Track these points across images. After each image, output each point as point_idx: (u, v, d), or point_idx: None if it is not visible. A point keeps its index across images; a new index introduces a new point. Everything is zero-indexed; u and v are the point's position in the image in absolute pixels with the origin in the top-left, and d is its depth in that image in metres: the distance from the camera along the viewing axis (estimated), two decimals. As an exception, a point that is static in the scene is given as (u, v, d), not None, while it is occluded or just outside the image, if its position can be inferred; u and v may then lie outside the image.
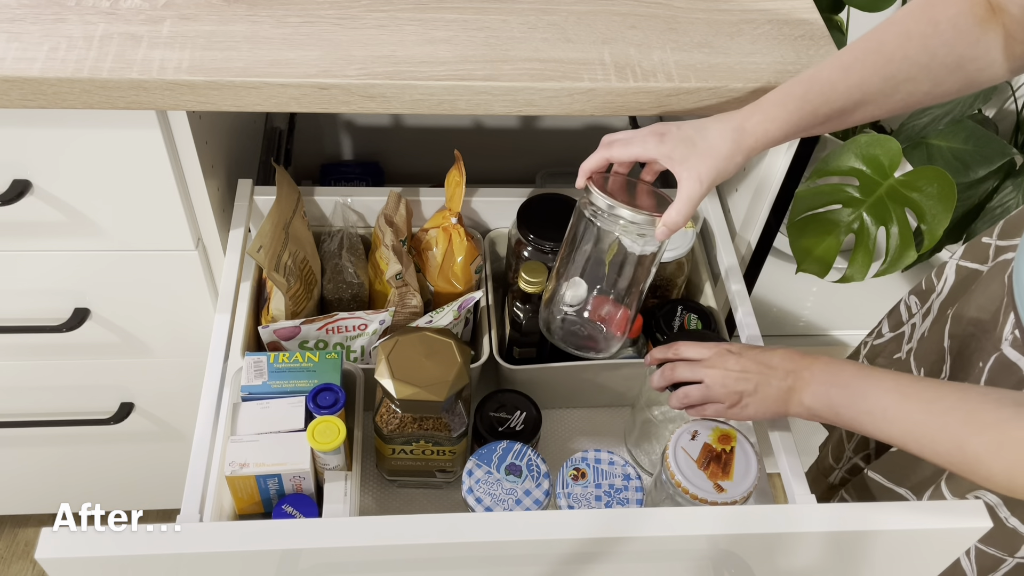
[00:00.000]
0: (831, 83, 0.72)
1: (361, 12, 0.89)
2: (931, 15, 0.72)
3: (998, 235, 0.85)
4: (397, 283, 0.97)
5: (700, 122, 0.75)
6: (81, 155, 0.88)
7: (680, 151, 0.73)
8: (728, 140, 0.72)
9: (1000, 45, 0.71)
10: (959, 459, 0.61)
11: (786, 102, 0.73)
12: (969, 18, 0.71)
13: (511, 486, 0.82)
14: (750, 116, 0.73)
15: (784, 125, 0.72)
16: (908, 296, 0.99)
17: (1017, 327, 0.73)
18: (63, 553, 0.60)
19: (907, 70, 0.72)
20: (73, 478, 1.35)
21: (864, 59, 0.72)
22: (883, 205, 1.18)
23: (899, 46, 0.72)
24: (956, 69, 0.72)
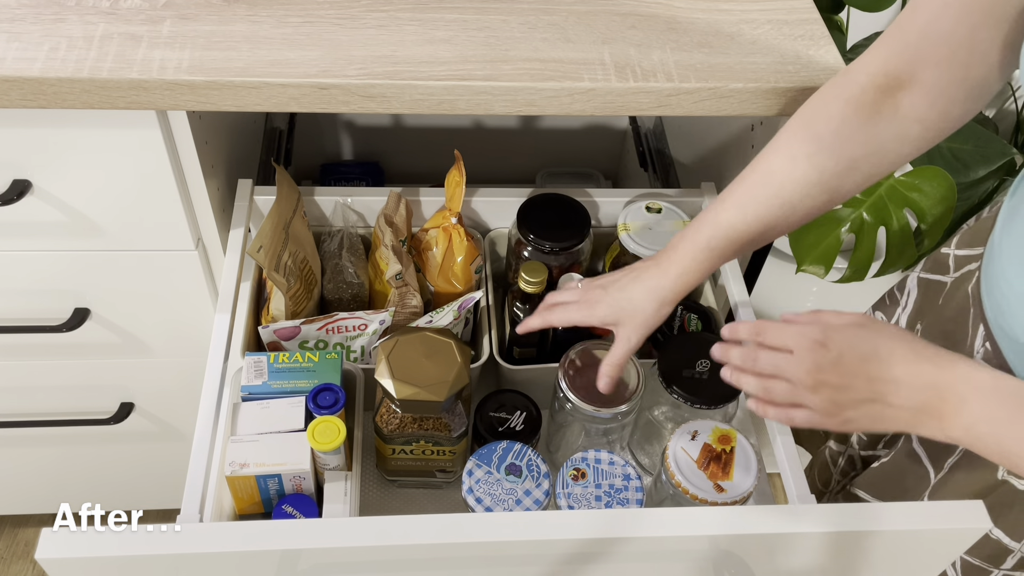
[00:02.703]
0: (731, 225, 0.75)
1: (361, 12, 0.89)
2: (813, 131, 0.72)
3: (956, 245, 0.84)
4: (397, 283, 0.97)
5: (624, 282, 0.81)
6: (81, 155, 0.88)
7: (611, 317, 0.81)
8: (652, 301, 0.79)
9: (894, 132, 0.70)
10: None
11: (695, 254, 0.77)
12: (853, 121, 0.70)
13: (511, 486, 0.82)
14: (667, 272, 0.78)
15: (698, 274, 0.78)
16: (872, 312, 0.98)
17: (988, 340, 0.73)
18: (63, 553, 0.60)
19: (801, 191, 0.72)
20: (73, 478, 1.35)
21: (757, 193, 0.74)
22: (883, 205, 1.18)
23: (787, 172, 0.72)
24: (850, 171, 0.71)
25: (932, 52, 0.66)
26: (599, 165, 1.54)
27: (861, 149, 0.70)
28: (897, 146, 0.70)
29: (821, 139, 0.71)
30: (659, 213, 1.05)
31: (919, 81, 0.68)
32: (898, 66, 0.68)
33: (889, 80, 0.69)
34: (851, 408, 0.63)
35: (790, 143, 0.73)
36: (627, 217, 1.05)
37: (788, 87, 0.86)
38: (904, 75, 0.68)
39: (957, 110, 0.69)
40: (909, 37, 0.68)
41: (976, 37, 0.64)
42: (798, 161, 0.72)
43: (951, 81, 0.67)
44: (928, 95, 0.68)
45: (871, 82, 0.70)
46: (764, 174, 0.74)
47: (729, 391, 0.88)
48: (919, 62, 0.67)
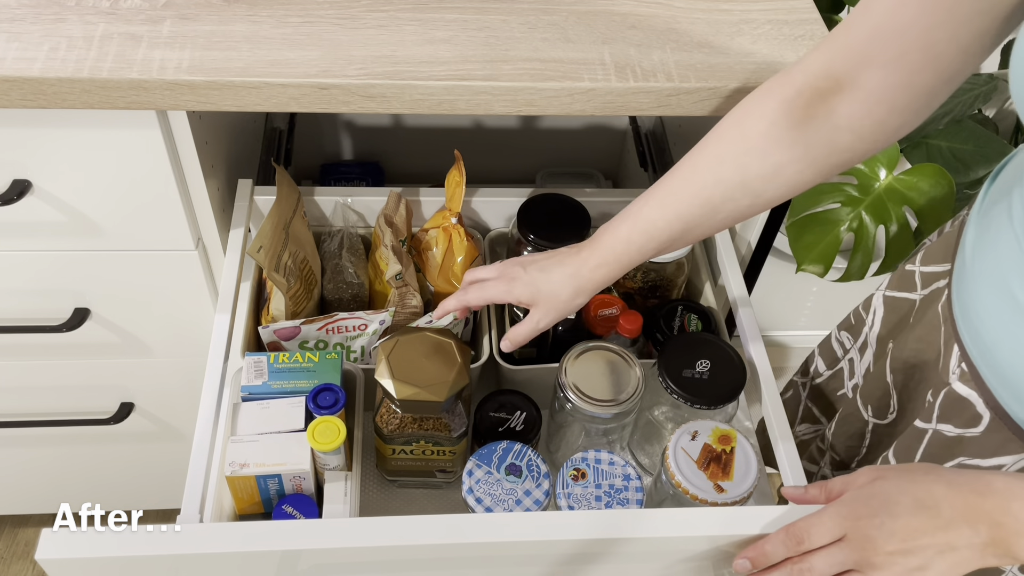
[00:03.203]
0: (651, 220, 0.73)
1: (361, 12, 0.89)
2: (742, 131, 0.69)
3: (922, 261, 0.83)
4: (397, 283, 0.97)
5: (546, 263, 0.80)
6: (81, 155, 0.88)
7: (527, 297, 0.80)
8: (568, 287, 0.78)
9: (824, 139, 0.67)
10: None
11: (614, 246, 0.76)
12: (783, 123, 0.67)
13: (511, 486, 0.82)
14: (586, 261, 0.77)
15: (616, 267, 0.77)
16: (838, 332, 0.97)
17: (964, 360, 0.72)
18: (63, 553, 0.60)
19: (723, 192, 0.70)
20: (73, 478, 1.35)
21: (679, 190, 0.72)
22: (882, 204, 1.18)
23: (711, 170, 0.70)
24: (774, 175, 0.69)
25: (880, 51, 0.62)
26: (599, 165, 1.54)
27: (787, 154, 0.68)
28: (825, 155, 0.68)
29: (748, 139, 0.69)
30: (659, 213, 1.05)
31: (860, 85, 0.64)
32: (840, 67, 0.65)
33: (828, 82, 0.66)
34: (928, 570, 0.60)
35: (718, 141, 0.71)
36: (627, 217, 1.05)
37: (788, 87, 0.86)
38: (845, 77, 0.65)
39: (895, 121, 0.65)
40: (857, 35, 0.64)
41: (932, 37, 0.60)
42: (724, 161, 0.70)
43: (895, 85, 0.63)
44: (866, 101, 0.64)
45: (808, 84, 0.66)
46: (689, 170, 0.72)
47: (729, 391, 0.88)
48: (864, 63, 0.64)
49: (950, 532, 0.59)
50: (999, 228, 0.68)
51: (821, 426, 1.00)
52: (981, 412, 0.71)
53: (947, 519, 0.59)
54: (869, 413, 0.87)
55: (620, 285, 1.07)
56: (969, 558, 0.59)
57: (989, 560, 0.60)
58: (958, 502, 0.59)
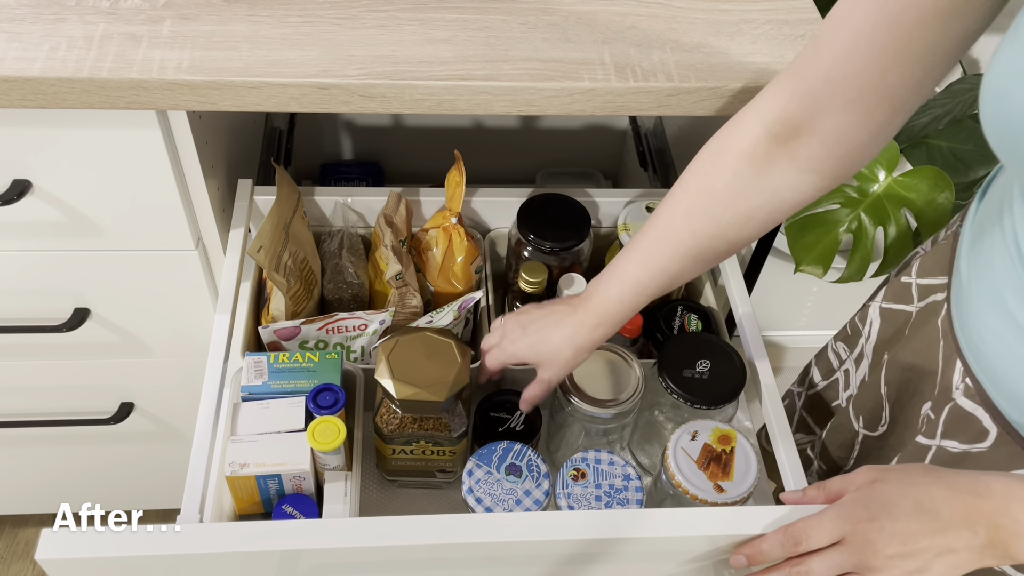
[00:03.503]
0: (637, 279, 0.76)
1: (361, 12, 0.89)
2: (708, 186, 0.71)
3: (917, 274, 0.83)
4: (397, 283, 0.97)
5: (544, 324, 0.82)
6: (81, 155, 0.88)
7: (530, 358, 0.84)
8: (568, 348, 0.81)
9: (790, 182, 0.68)
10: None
11: (608, 306, 0.78)
12: (747, 174, 0.68)
13: (511, 486, 0.82)
14: (584, 322, 0.79)
15: (613, 325, 0.79)
16: (834, 343, 0.98)
17: (967, 376, 0.71)
18: (63, 553, 0.60)
19: (699, 243, 0.72)
20: (73, 478, 1.35)
21: (658, 248, 0.74)
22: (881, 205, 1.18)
23: (685, 225, 0.72)
24: (748, 221, 0.70)
25: (836, 97, 0.63)
26: (599, 165, 1.54)
27: (756, 200, 0.69)
28: (793, 195, 0.69)
29: (716, 193, 0.70)
30: (659, 213, 1.05)
31: (818, 129, 0.65)
32: (796, 113, 0.65)
33: (786, 129, 0.66)
34: (927, 572, 0.60)
35: (687, 196, 0.72)
36: (627, 217, 1.05)
37: (788, 87, 0.86)
38: (803, 123, 0.65)
39: (856, 156, 0.66)
40: (811, 81, 0.64)
41: (885, 80, 0.61)
42: (694, 215, 0.71)
43: (853, 126, 0.64)
44: (827, 144, 0.65)
45: (765, 132, 0.67)
46: (664, 228, 0.74)
47: (729, 391, 0.88)
48: (820, 108, 0.64)
49: (949, 534, 0.59)
50: (992, 247, 0.68)
51: (814, 436, 1.00)
52: (988, 427, 0.70)
53: (946, 521, 0.59)
54: (860, 424, 0.87)
55: (620, 285, 1.07)
56: (968, 559, 0.60)
57: (988, 561, 0.60)
58: (957, 504, 0.59)
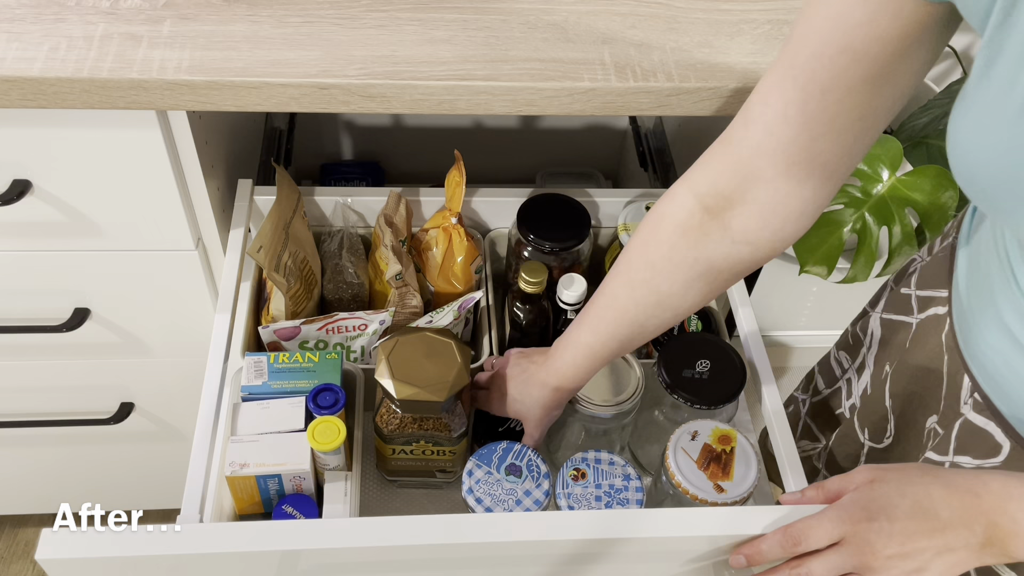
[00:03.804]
0: (589, 345, 0.78)
1: (361, 12, 0.89)
2: (646, 258, 0.72)
3: (916, 285, 0.83)
4: (397, 283, 0.97)
5: (523, 379, 0.85)
6: (81, 155, 0.88)
7: (514, 414, 0.87)
8: (539, 407, 0.84)
9: (723, 254, 0.69)
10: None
11: (565, 371, 0.81)
12: (681, 246, 0.69)
13: (511, 486, 0.82)
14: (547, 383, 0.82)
15: (573, 386, 0.82)
16: (836, 351, 0.98)
17: (976, 391, 0.71)
18: (63, 553, 0.60)
19: (644, 311, 0.74)
20: (73, 478, 1.35)
21: (605, 316, 0.76)
22: (885, 205, 1.18)
23: (628, 296, 0.74)
24: (686, 291, 0.72)
25: (765, 168, 0.63)
26: (599, 165, 1.54)
27: (692, 271, 0.70)
28: (728, 266, 0.70)
29: (654, 265, 0.71)
30: (659, 213, 1.05)
31: (750, 200, 0.65)
32: (728, 185, 0.66)
33: (718, 200, 0.67)
34: (926, 571, 0.60)
35: (629, 268, 0.74)
36: (627, 217, 1.05)
37: (788, 87, 0.86)
38: (734, 194, 0.66)
39: (790, 228, 0.66)
40: (741, 153, 0.64)
41: (815, 149, 0.61)
42: (636, 286, 0.73)
43: (786, 196, 0.64)
44: (760, 215, 0.65)
45: (698, 204, 0.68)
46: (610, 298, 0.76)
47: (729, 391, 0.88)
48: (750, 180, 0.64)
49: (947, 534, 0.59)
50: (989, 265, 0.68)
51: (819, 444, 1.00)
52: (1000, 442, 0.70)
53: (945, 521, 0.59)
54: (865, 436, 0.87)
55: (620, 285, 1.07)
56: (966, 558, 0.60)
57: (987, 560, 0.60)
58: (955, 503, 0.59)
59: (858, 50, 0.57)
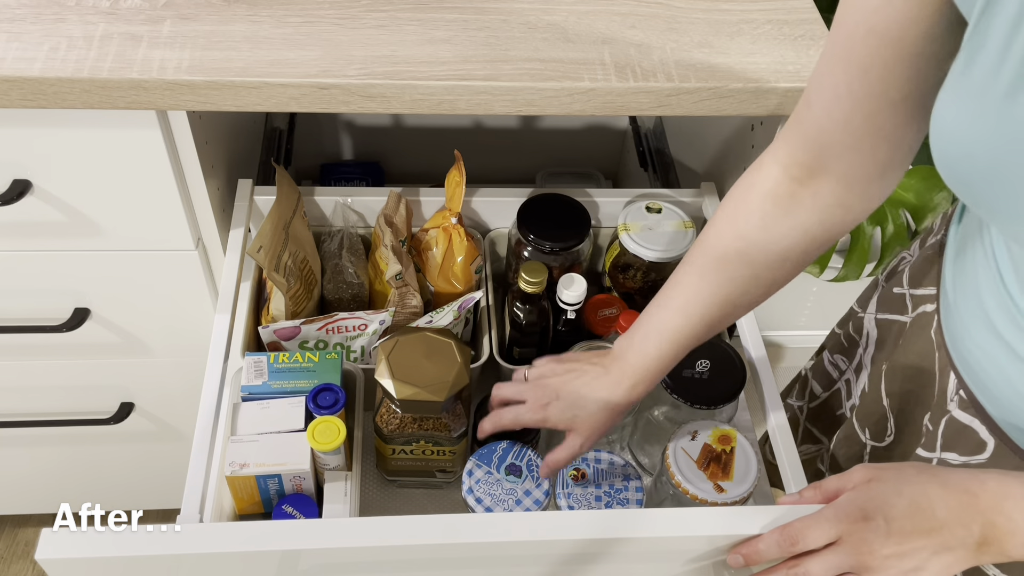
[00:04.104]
0: (677, 329, 0.74)
1: (361, 12, 0.89)
2: (737, 229, 0.71)
3: (908, 284, 0.83)
4: (397, 283, 0.97)
5: (578, 386, 0.78)
6: (81, 155, 0.88)
7: (564, 423, 0.78)
8: (605, 411, 0.77)
9: (817, 219, 0.68)
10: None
11: (647, 365, 0.76)
12: (775, 213, 0.69)
13: (511, 486, 0.82)
14: (619, 383, 0.76)
15: (650, 383, 0.77)
16: (831, 355, 0.98)
17: (961, 388, 0.72)
18: (63, 553, 0.60)
19: (738, 287, 0.72)
20: (73, 478, 1.35)
21: (697, 296, 0.73)
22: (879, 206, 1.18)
23: (722, 270, 0.71)
24: (783, 263, 0.71)
25: (833, 144, 0.65)
26: (599, 165, 1.54)
27: (788, 240, 0.69)
28: (823, 231, 0.69)
29: (747, 236, 0.70)
30: (659, 213, 1.05)
31: (830, 170, 0.66)
32: (805, 157, 0.67)
33: (802, 171, 0.68)
34: (924, 571, 0.60)
35: (720, 242, 0.72)
36: (627, 217, 1.05)
37: (788, 87, 0.86)
38: (815, 165, 0.67)
39: (875, 188, 0.67)
40: (808, 130, 0.66)
41: (875, 123, 0.62)
42: (730, 262, 0.71)
43: (861, 164, 0.65)
44: (844, 181, 0.67)
45: (785, 174, 0.69)
46: (700, 276, 0.73)
47: (729, 391, 0.88)
48: (824, 153, 0.66)
49: (944, 533, 0.59)
50: (975, 262, 0.68)
51: (821, 445, 1.00)
52: (985, 439, 0.70)
53: (941, 520, 0.59)
54: (867, 436, 0.87)
55: (620, 285, 1.07)
56: (964, 557, 0.60)
57: (984, 559, 0.60)
58: (952, 502, 0.59)
59: (881, 32, 0.58)
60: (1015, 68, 0.49)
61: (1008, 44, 0.49)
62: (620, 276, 1.06)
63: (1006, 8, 0.49)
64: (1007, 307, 0.64)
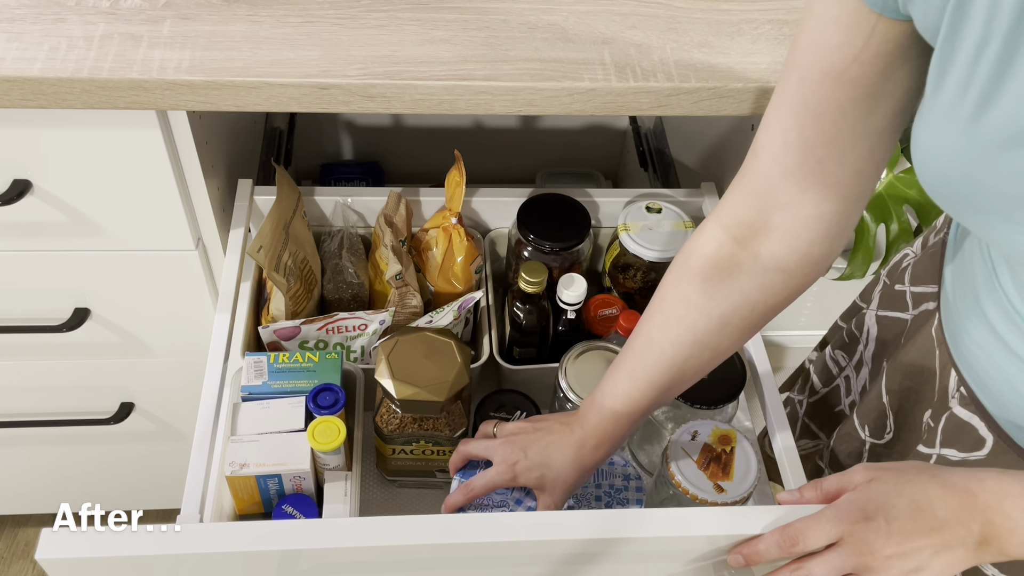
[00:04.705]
0: (627, 394, 0.74)
1: (361, 12, 0.89)
2: (679, 294, 0.71)
3: (910, 281, 0.84)
4: (397, 283, 0.97)
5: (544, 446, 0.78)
6: (81, 155, 0.88)
7: (534, 483, 0.78)
8: (572, 471, 0.77)
9: (758, 284, 0.68)
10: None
11: (606, 426, 0.76)
12: (715, 278, 0.69)
13: (501, 497, 0.82)
14: (584, 443, 0.77)
15: (615, 443, 0.77)
16: (832, 351, 0.98)
17: (962, 385, 0.72)
18: (63, 553, 0.60)
19: (683, 352, 0.72)
20: (73, 478, 1.35)
21: (643, 361, 0.73)
22: (883, 203, 1.18)
23: (664, 336, 0.72)
24: (723, 327, 0.70)
25: (780, 195, 0.64)
26: (599, 165, 1.54)
27: (727, 304, 0.69)
28: (764, 297, 0.69)
29: (688, 300, 0.70)
30: (659, 213, 1.05)
31: (772, 227, 0.66)
32: (749, 215, 0.66)
33: (744, 230, 0.67)
34: (924, 571, 0.60)
35: (662, 306, 0.72)
36: (627, 217, 1.05)
37: (788, 87, 0.86)
38: (758, 223, 0.66)
39: (817, 251, 0.66)
40: (755, 183, 0.66)
41: (822, 170, 0.62)
42: (672, 325, 0.71)
43: (806, 219, 0.64)
44: (784, 240, 0.66)
45: (727, 235, 0.68)
46: (646, 339, 0.73)
47: (729, 391, 0.88)
48: (769, 208, 0.65)
49: (945, 532, 0.59)
50: (973, 260, 0.68)
51: (820, 441, 1.00)
52: (984, 436, 0.70)
53: (942, 519, 0.59)
54: (866, 433, 0.87)
55: (620, 285, 1.07)
56: (964, 557, 0.60)
57: (984, 558, 0.60)
58: (952, 501, 0.59)
59: (839, 73, 0.57)
60: (979, 91, 0.49)
61: (972, 68, 0.49)
62: (620, 276, 1.06)
63: (971, 32, 0.49)
64: (1003, 306, 0.65)
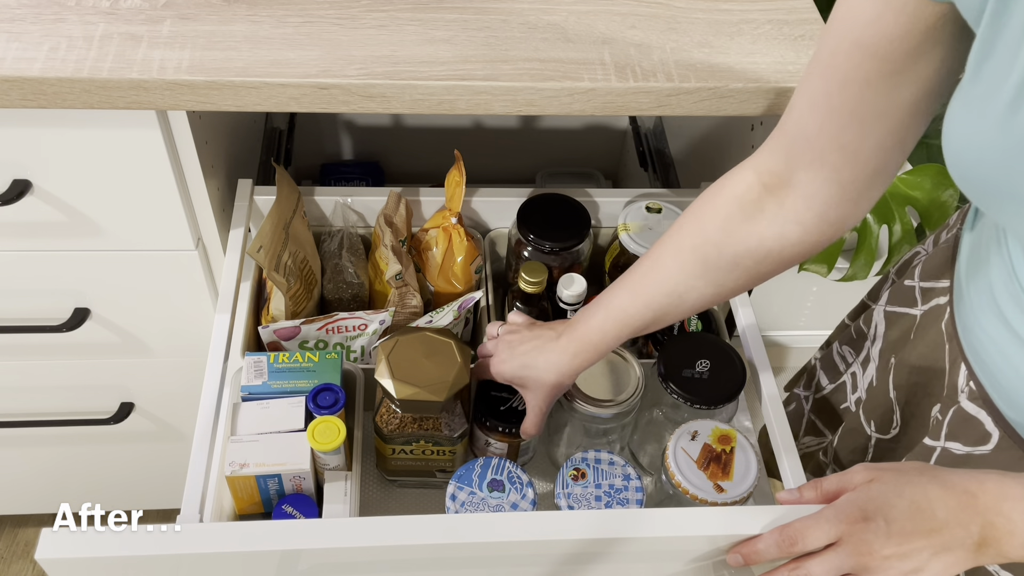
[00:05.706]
0: (622, 309, 0.76)
1: (361, 12, 0.89)
2: (700, 225, 0.72)
3: (920, 277, 0.84)
4: (397, 283, 0.97)
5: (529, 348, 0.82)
6: (81, 155, 0.88)
7: (516, 380, 0.84)
8: (551, 374, 0.81)
9: (775, 231, 0.69)
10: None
11: (590, 336, 0.79)
12: (737, 217, 0.70)
13: (496, 502, 0.82)
14: (565, 349, 0.80)
15: (594, 355, 0.80)
16: (839, 346, 0.98)
17: (971, 379, 0.72)
18: (63, 553, 0.60)
19: (687, 282, 0.73)
20: (73, 478, 1.35)
21: (647, 281, 0.75)
22: (885, 204, 1.18)
23: (675, 262, 0.73)
24: (733, 267, 0.72)
25: (801, 154, 0.66)
26: (599, 165, 1.54)
27: (743, 245, 0.70)
28: (778, 247, 0.70)
29: (706, 232, 0.72)
30: (659, 213, 1.05)
31: (796, 182, 0.68)
32: (777, 166, 0.68)
33: (773, 179, 0.69)
34: (924, 571, 0.60)
35: (680, 234, 0.74)
36: (627, 217, 1.05)
37: (788, 87, 0.86)
38: (784, 174, 0.68)
39: (833, 213, 0.68)
40: (785, 137, 0.68)
41: (842, 139, 0.63)
42: (684, 253, 0.73)
43: (823, 181, 0.66)
44: (805, 196, 0.68)
45: (757, 180, 0.70)
46: (655, 261, 0.75)
47: (729, 391, 0.88)
48: (792, 163, 0.67)
49: (944, 533, 0.59)
50: (989, 254, 0.69)
51: (824, 438, 1.00)
52: (990, 431, 0.70)
53: (941, 520, 0.59)
54: (872, 428, 0.87)
55: (620, 285, 1.07)
56: (963, 558, 0.60)
57: (983, 559, 0.60)
58: (952, 503, 0.59)
59: (868, 46, 0.59)
60: (1020, 79, 0.49)
61: (1015, 55, 0.49)
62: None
63: (1014, 18, 0.49)
64: (1019, 299, 0.65)
